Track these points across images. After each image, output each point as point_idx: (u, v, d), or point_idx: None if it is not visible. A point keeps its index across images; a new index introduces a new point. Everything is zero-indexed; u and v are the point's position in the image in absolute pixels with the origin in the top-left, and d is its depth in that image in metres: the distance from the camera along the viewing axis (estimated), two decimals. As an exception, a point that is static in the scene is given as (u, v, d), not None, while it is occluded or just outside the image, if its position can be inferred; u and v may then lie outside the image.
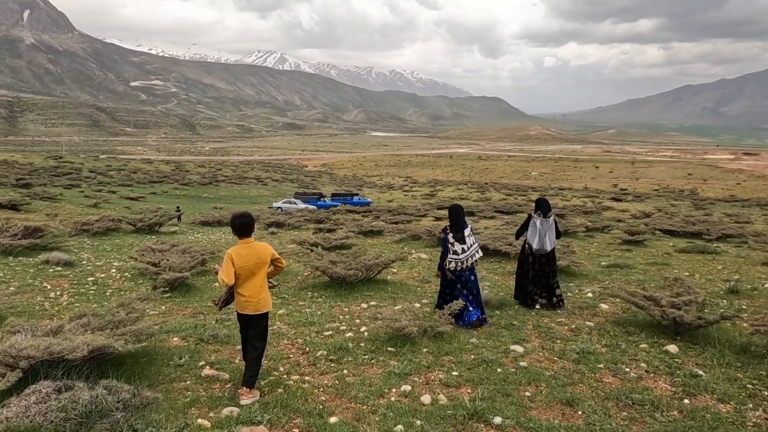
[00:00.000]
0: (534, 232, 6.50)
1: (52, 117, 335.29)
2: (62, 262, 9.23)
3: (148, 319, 5.34)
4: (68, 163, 68.97)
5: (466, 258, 5.81)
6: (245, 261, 4.05)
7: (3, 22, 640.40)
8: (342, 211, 33.64)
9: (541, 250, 6.45)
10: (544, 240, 6.44)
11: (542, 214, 6.54)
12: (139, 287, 7.78)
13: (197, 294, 7.66)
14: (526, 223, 6.70)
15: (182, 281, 7.70)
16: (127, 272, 8.95)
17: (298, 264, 9.33)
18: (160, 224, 16.39)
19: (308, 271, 8.48)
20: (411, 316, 5.31)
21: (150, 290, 7.38)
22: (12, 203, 18.88)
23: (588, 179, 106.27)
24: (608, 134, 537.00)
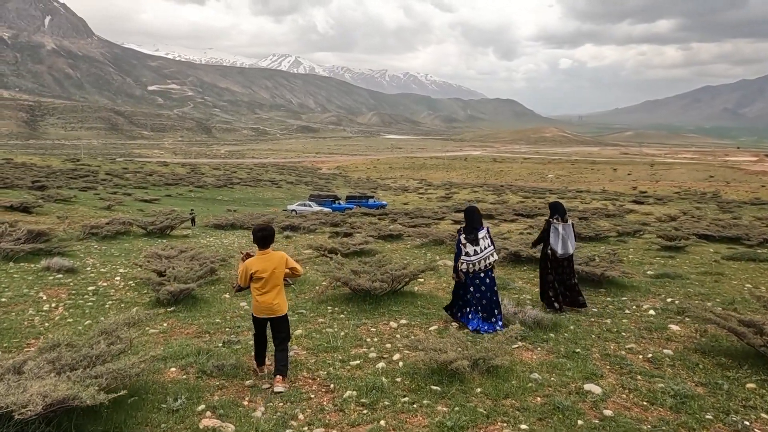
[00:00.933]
0: (557, 237, 6.43)
1: (71, 121, 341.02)
2: (64, 269, 8.62)
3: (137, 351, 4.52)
4: (85, 166, 69.39)
5: (478, 260, 5.71)
6: (260, 273, 4.34)
7: (25, 29, 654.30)
8: (357, 213, 32.98)
9: (565, 254, 6.42)
10: (567, 244, 6.40)
11: (561, 218, 6.51)
12: (143, 298, 7.10)
13: (204, 308, 6.96)
14: (547, 229, 6.59)
15: (188, 293, 7.01)
16: (131, 280, 8.30)
17: (315, 273, 8.58)
18: (172, 227, 15.82)
19: (327, 281, 7.69)
20: (455, 342, 4.44)
21: (151, 304, 6.74)
22: (24, 205, 18.48)
23: (606, 182, 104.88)
24: (625, 136, 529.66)
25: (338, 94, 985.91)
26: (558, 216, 6.53)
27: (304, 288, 8.14)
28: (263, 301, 4.32)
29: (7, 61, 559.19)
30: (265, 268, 4.32)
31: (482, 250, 5.72)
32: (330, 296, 7.33)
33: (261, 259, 4.37)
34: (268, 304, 4.33)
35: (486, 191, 75.82)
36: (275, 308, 4.36)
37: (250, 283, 4.39)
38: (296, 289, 8.05)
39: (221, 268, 9.11)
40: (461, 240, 5.81)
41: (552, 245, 6.43)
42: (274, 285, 4.35)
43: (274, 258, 4.38)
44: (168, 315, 6.56)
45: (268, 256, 4.39)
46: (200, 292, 7.65)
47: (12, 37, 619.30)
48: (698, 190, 78.78)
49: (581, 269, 7.47)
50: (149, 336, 5.52)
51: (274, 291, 4.35)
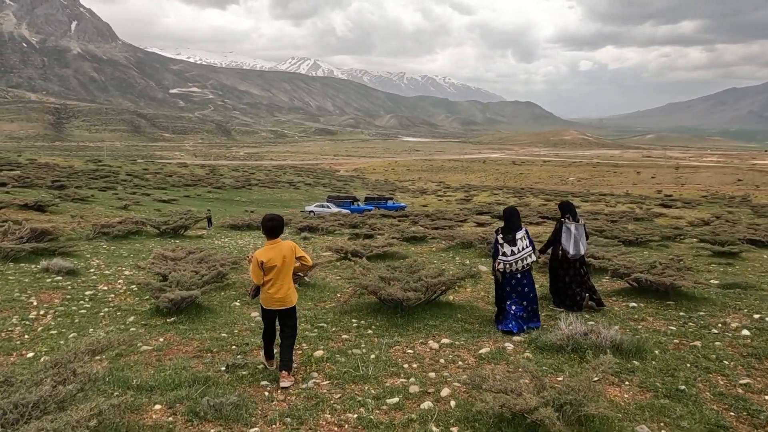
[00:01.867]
0: (569, 237, 6.28)
1: (95, 123, 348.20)
2: (64, 271, 7.92)
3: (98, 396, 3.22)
4: (106, 167, 70.05)
5: (515, 260, 5.68)
6: (271, 262, 4.26)
7: (53, 33, 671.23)
8: (376, 215, 32.20)
9: (577, 255, 6.29)
10: (579, 245, 6.27)
11: (572, 217, 6.39)
12: (143, 305, 6.30)
13: (209, 319, 6.13)
14: (558, 229, 6.43)
15: (191, 301, 6.18)
16: (134, 284, 7.54)
17: (337, 278, 7.73)
18: (186, 227, 15.16)
19: (351, 288, 6.77)
20: (529, 379, 3.30)
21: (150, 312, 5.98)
22: (38, 204, 18.07)
23: (629, 185, 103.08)
24: (647, 139, 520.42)
25: (356, 96, 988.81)
26: (569, 216, 6.39)
27: (324, 295, 7.28)
28: (274, 292, 4.27)
29: (35, 65, 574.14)
30: (275, 257, 4.26)
31: (520, 251, 5.70)
32: (354, 306, 6.43)
33: (270, 249, 4.32)
34: (280, 295, 4.28)
35: (506, 194, 74.76)
36: (286, 299, 4.32)
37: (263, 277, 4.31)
38: (315, 297, 7.20)
39: (232, 272, 8.31)
40: (498, 240, 5.80)
41: (564, 245, 6.28)
42: (285, 275, 4.30)
43: (283, 247, 4.33)
44: (167, 327, 5.73)
45: (277, 245, 4.33)
46: (207, 300, 6.85)
47: (40, 42, 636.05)
48: (726, 194, 76.38)
49: (643, 278, 6.48)
50: (141, 354, 4.68)
51: (286, 281, 4.31)
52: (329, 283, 8.05)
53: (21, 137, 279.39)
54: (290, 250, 4.34)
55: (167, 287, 6.22)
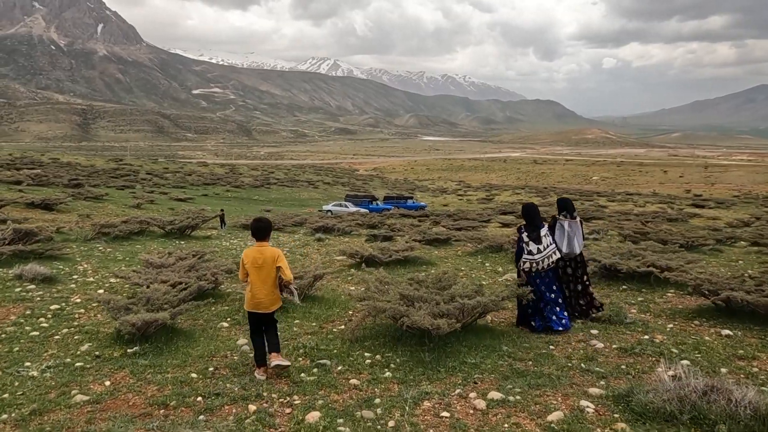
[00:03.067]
0: (562, 235, 5.96)
1: (120, 124, 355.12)
2: (39, 278, 6.93)
3: None
4: (127, 166, 70.52)
5: (542, 258, 5.51)
6: (254, 263, 4.30)
7: (80, 36, 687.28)
8: (395, 215, 31.05)
9: (571, 254, 5.98)
10: (573, 243, 5.96)
11: (569, 215, 6.05)
12: (113, 325, 5.19)
13: (181, 349, 4.87)
14: (552, 226, 6.03)
15: (159, 326, 4.90)
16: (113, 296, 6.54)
17: (351, 288, 6.57)
18: (193, 227, 14.22)
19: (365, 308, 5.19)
20: None
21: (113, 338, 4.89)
22: (45, 203, 17.38)
23: (656, 184, 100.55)
24: (673, 138, 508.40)
25: (376, 96, 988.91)
26: (566, 213, 6.05)
27: (332, 313, 6.11)
28: (252, 294, 4.31)
29: (63, 68, 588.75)
30: (258, 259, 4.30)
31: (545, 249, 5.52)
32: (368, 332, 5.17)
33: (255, 250, 4.36)
34: (257, 298, 4.29)
35: (529, 193, 73.16)
36: (261, 304, 4.31)
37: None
38: (321, 315, 6.03)
39: (231, 280, 7.21)
40: (523, 239, 5.58)
41: (557, 243, 5.86)
42: (264, 279, 4.29)
43: (266, 252, 4.34)
44: (122, 362, 4.47)
45: (262, 248, 4.36)
46: (187, 320, 5.68)
47: (68, 45, 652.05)
48: (759, 194, 73.35)
49: (739, 297, 5.12)
50: (68, 410, 3.48)
51: (265, 286, 4.30)
52: (340, 295, 6.88)
53: (49, 138, 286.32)
54: (272, 256, 4.30)
55: (133, 305, 5.04)
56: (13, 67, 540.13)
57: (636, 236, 13.58)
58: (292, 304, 5.82)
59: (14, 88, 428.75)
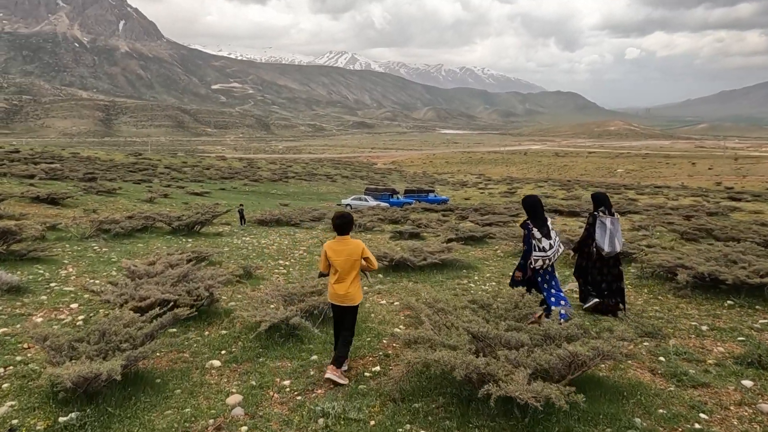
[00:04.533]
0: (604, 232, 5.69)
1: (142, 119, 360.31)
2: (3, 287, 5.86)
3: None
4: (146, 160, 70.61)
5: (553, 254, 5.25)
6: (337, 255, 4.29)
7: (102, 33, 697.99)
8: (417, 209, 29.74)
9: (612, 252, 5.70)
10: (615, 241, 5.66)
11: (607, 210, 5.79)
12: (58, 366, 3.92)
13: (138, 419, 3.42)
14: (592, 223, 5.82)
15: (98, 387, 3.42)
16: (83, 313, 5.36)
17: (384, 303, 5.28)
18: (203, 223, 13.15)
19: (419, 360, 3.52)
20: None
21: (48, 395, 3.50)
22: (51, 197, 16.53)
23: (684, 177, 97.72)
24: (699, 129, 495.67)
25: (393, 89, 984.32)
26: (604, 209, 5.82)
27: (362, 345, 4.80)
28: (336, 288, 4.31)
29: (86, 64, 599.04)
30: (341, 252, 4.29)
31: (554, 243, 5.31)
32: (418, 382, 3.73)
33: (338, 243, 4.34)
34: (341, 291, 4.28)
35: (552, 186, 71.29)
36: (347, 297, 4.29)
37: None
38: (350, 355, 4.60)
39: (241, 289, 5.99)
40: (534, 234, 5.29)
41: (598, 242, 5.73)
42: (348, 272, 4.27)
43: (349, 244, 4.33)
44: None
45: (345, 242, 4.34)
46: (163, 356, 4.41)
47: (90, 42, 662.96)
48: (797, 187, 70.15)
49: None
50: None
51: (348, 279, 4.29)
52: (369, 314, 5.63)
53: (73, 133, 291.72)
54: (357, 249, 4.31)
55: (82, 342, 3.59)
56: (38, 64, 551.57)
57: (694, 233, 12.04)
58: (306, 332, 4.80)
59: (39, 85, 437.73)
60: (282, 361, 4.45)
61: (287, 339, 4.73)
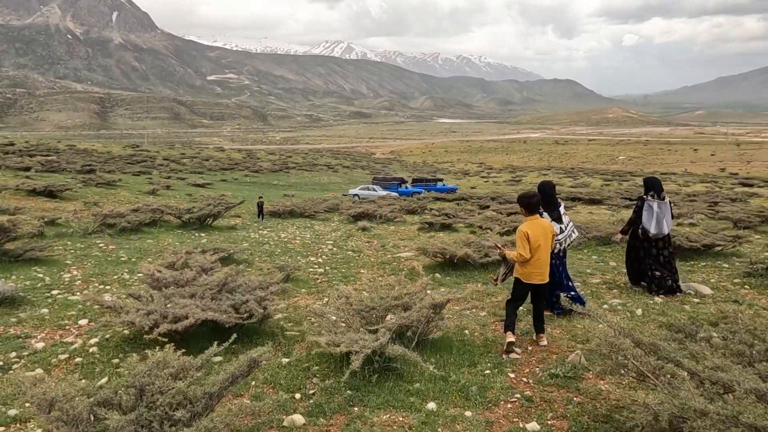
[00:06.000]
0: (650, 215, 5.94)
1: (137, 111, 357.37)
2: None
3: None
4: (143, 152, 69.50)
5: (565, 238, 5.31)
6: (536, 236, 4.37)
7: (95, 25, 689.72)
8: (428, 198, 28.75)
9: (659, 234, 5.91)
10: (662, 224, 5.89)
11: (657, 195, 6.02)
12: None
13: None
14: (640, 206, 6.08)
15: None
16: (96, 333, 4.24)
17: (473, 320, 4.22)
18: (215, 216, 12.12)
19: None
20: None
21: None
22: (48, 189, 15.46)
23: (687, 163, 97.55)
24: (696, 115, 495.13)
25: (390, 79, 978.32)
26: (654, 193, 6.05)
27: (454, 377, 3.71)
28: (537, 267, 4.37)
29: (80, 56, 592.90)
30: (538, 232, 4.36)
31: (566, 227, 5.33)
32: None
33: (535, 224, 4.43)
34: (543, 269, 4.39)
35: (557, 174, 70.62)
36: (545, 274, 4.43)
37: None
38: (436, 391, 3.61)
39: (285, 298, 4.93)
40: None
41: (644, 224, 5.95)
42: (545, 250, 4.38)
43: (543, 223, 4.48)
44: None
45: (537, 221, 4.46)
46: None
47: (84, 33, 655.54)
48: (803, 172, 69.86)
49: None
50: None
51: (546, 256, 4.40)
52: (467, 336, 4.47)
53: (69, 126, 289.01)
54: (550, 226, 4.51)
55: (104, 410, 2.27)
56: (31, 57, 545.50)
57: (749, 220, 11.06)
58: (408, 365, 3.65)
59: (33, 77, 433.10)
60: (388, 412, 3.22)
61: (382, 375, 3.56)
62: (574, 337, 4.45)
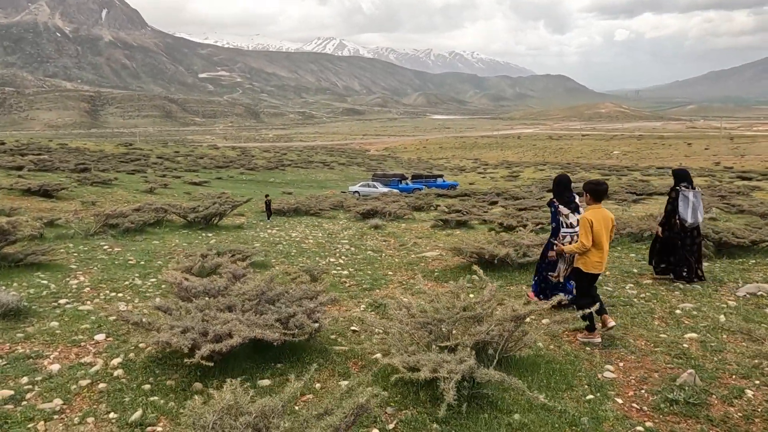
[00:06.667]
0: (687, 205, 6.06)
1: (129, 110, 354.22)
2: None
3: None
4: (137, 150, 68.67)
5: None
6: (599, 224, 4.36)
7: (84, 22, 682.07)
8: (431, 194, 28.35)
9: (695, 223, 6.10)
10: (697, 213, 6.06)
11: (689, 185, 6.21)
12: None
13: None
14: (675, 198, 6.19)
15: None
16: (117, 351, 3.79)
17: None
18: (221, 215, 11.62)
19: None
20: None
21: None
22: (44, 189, 14.87)
23: (681, 157, 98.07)
24: (688, 110, 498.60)
25: (383, 75, 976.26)
26: (686, 183, 6.22)
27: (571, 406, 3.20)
28: (600, 256, 4.33)
29: (69, 54, 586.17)
30: (603, 222, 4.33)
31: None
32: None
33: (599, 212, 4.40)
34: (605, 258, 4.37)
35: (552, 169, 70.59)
36: (605, 263, 4.44)
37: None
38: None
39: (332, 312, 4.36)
40: (561, 211, 5.34)
41: (681, 214, 6.06)
42: (607, 239, 4.37)
43: (604, 211, 4.45)
44: None
45: (600, 210, 4.42)
46: None
47: (73, 31, 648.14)
48: (798, 165, 70.38)
49: None
50: None
51: (607, 245, 4.38)
52: (543, 351, 4.02)
53: (59, 125, 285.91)
54: (610, 215, 4.43)
55: None
56: (20, 55, 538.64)
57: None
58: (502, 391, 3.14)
59: (22, 76, 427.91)
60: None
61: (472, 404, 3.02)
62: (668, 350, 3.90)
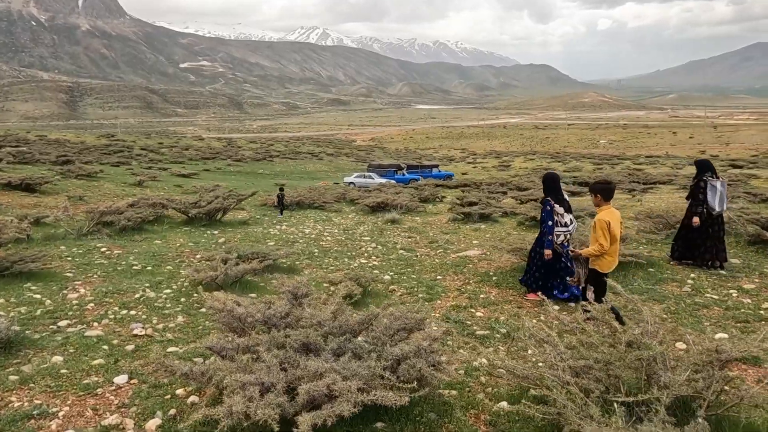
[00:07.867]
0: (714, 194, 6.23)
1: (108, 100, 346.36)
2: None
3: None
4: (120, 141, 66.66)
5: (574, 228, 5.35)
6: (614, 224, 4.30)
7: (60, 11, 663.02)
8: (430, 185, 27.61)
9: (721, 211, 6.28)
10: (724, 201, 6.27)
11: (714, 174, 6.41)
12: None
13: None
14: (703, 188, 6.33)
15: None
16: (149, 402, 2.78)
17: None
18: (225, 210, 10.69)
19: None
20: None
21: None
22: (25, 183, 13.73)
23: (667, 146, 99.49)
24: (668, 99, 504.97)
25: (367, 65, 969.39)
26: (711, 173, 6.39)
27: None
28: (616, 255, 4.31)
29: (45, 44, 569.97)
30: (616, 222, 4.30)
31: (574, 218, 5.38)
32: None
33: (611, 212, 4.36)
34: (617, 258, 4.34)
35: (542, 158, 70.57)
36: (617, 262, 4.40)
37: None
38: None
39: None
40: (555, 210, 5.24)
41: (710, 203, 6.23)
42: (618, 236, 4.31)
43: (615, 211, 4.40)
44: None
45: (611, 210, 4.38)
46: None
47: (49, 20, 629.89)
48: (778, 153, 71.67)
49: None
50: None
51: (618, 242, 4.32)
52: None
53: (36, 117, 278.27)
54: (619, 214, 4.40)
55: None
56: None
57: None
58: None
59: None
60: None
61: None
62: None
